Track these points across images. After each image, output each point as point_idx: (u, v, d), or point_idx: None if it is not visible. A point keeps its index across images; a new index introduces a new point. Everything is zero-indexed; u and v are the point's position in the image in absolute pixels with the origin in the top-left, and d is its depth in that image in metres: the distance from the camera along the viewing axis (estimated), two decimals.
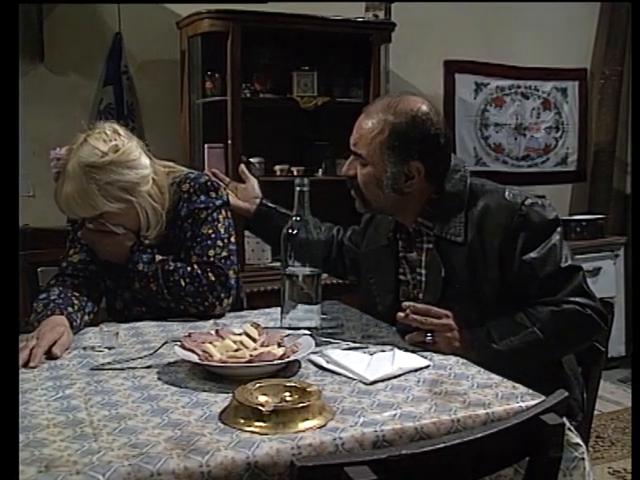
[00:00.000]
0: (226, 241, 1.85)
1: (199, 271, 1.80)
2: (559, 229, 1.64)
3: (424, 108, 1.65)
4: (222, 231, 1.86)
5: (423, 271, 1.72)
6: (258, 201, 2.00)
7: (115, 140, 1.75)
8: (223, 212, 1.89)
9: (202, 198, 1.86)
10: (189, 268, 1.81)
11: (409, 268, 1.76)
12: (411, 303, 1.60)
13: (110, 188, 1.71)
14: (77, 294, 1.79)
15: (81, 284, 1.85)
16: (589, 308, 1.59)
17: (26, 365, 1.43)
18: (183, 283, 1.79)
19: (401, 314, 1.59)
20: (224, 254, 1.83)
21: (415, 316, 1.56)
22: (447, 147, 1.69)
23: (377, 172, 1.66)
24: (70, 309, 1.69)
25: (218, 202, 1.88)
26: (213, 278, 1.80)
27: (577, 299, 1.58)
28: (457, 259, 1.64)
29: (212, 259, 1.82)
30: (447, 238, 1.65)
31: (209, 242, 1.83)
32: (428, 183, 1.68)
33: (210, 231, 1.84)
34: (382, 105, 1.67)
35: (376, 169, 1.66)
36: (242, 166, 2.13)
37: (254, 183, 2.05)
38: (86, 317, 1.76)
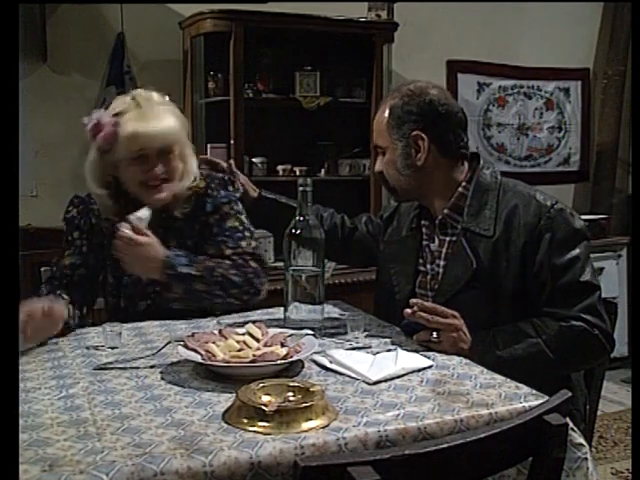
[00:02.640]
0: (252, 230, 1.92)
1: (240, 261, 1.83)
2: (585, 242, 1.64)
3: (419, 83, 1.74)
4: (246, 222, 1.92)
5: (442, 262, 1.74)
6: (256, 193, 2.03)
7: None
8: (240, 204, 1.94)
9: (222, 193, 1.91)
10: (228, 261, 1.82)
11: (429, 258, 1.78)
12: (419, 300, 1.60)
13: (182, 124, 1.86)
14: (65, 294, 1.80)
15: (69, 286, 1.85)
16: (597, 329, 1.59)
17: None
18: (230, 275, 1.79)
19: (408, 310, 1.60)
20: (253, 243, 1.89)
21: (422, 314, 1.57)
22: (448, 116, 1.72)
23: (391, 155, 1.73)
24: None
25: (237, 194, 1.94)
26: (255, 265, 1.83)
27: (587, 317, 1.58)
28: (482, 252, 1.65)
29: (246, 249, 1.86)
30: (475, 231, 1.67)
31: (239, 234, 1.88)
32: (441, 155, 1.71)
33: (237, 223, 1.89)
34: (387, 96, 1.78)
35: (390, 153, 1.73)
36: (231, 162, 2.08)
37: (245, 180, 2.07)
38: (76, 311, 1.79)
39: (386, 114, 1.73)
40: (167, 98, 1.90)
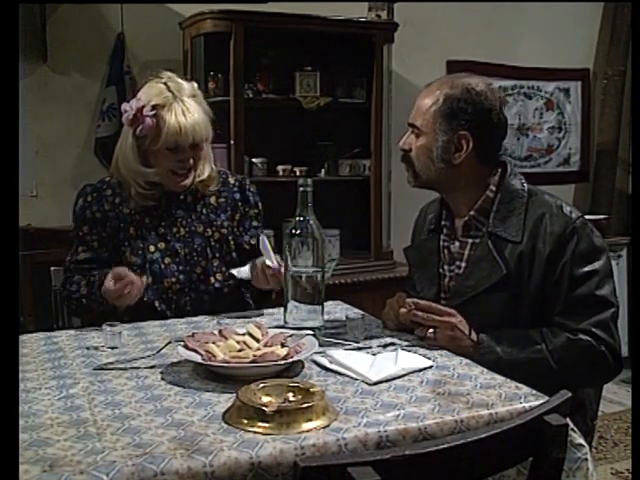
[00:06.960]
0: None
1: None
2: (605, 259, 1.63)
3: (481, 84, 1.68)
4: None
5: (463, 264, 1.73)
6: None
7: None
8: None
9: (253, 190, 2.11)
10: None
11: (448, 259, 1.77)
12: (414, 300, 1.61)
13: (209, 117, 1.97)
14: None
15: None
16: (604, 345, 1.58)
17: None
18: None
19: (404, 310, 1.60)
20: None
21: (417, 312, 1.58)
22: (499, 126, 1.71)
23: (429, 142, 1.69)
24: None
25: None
26: None
27: (596, 331, 1.58)
28: (507, 258, 1.63)
29: None
30: (501, 236, 1.65)
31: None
32: (478, 161, 1.69)
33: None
34: (441, 81, 1.72)
35: (428, 139, 1.69)
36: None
37: None
38: None
39: (439, 100, 1.66)
40: (195, 85, 2.01)
